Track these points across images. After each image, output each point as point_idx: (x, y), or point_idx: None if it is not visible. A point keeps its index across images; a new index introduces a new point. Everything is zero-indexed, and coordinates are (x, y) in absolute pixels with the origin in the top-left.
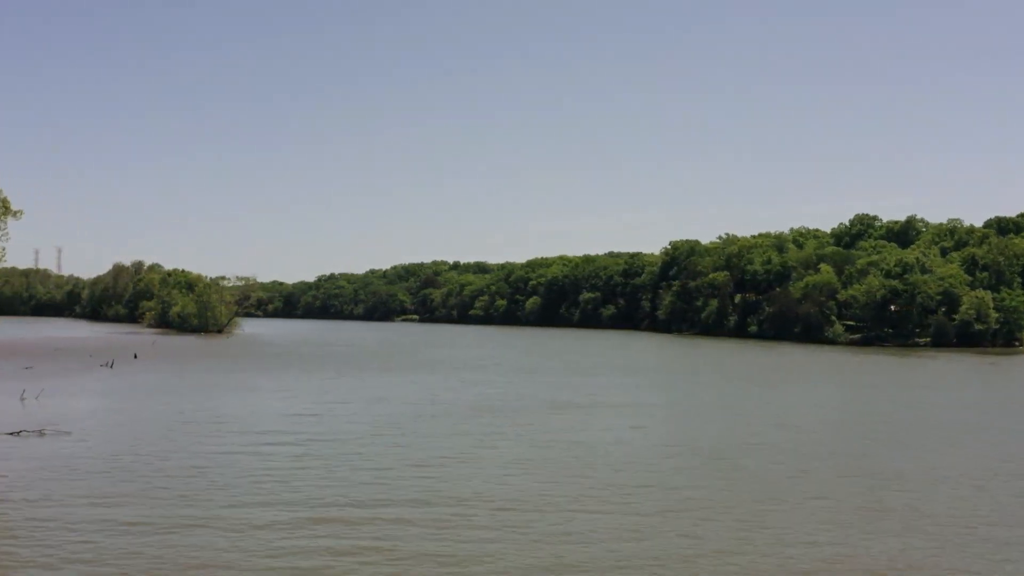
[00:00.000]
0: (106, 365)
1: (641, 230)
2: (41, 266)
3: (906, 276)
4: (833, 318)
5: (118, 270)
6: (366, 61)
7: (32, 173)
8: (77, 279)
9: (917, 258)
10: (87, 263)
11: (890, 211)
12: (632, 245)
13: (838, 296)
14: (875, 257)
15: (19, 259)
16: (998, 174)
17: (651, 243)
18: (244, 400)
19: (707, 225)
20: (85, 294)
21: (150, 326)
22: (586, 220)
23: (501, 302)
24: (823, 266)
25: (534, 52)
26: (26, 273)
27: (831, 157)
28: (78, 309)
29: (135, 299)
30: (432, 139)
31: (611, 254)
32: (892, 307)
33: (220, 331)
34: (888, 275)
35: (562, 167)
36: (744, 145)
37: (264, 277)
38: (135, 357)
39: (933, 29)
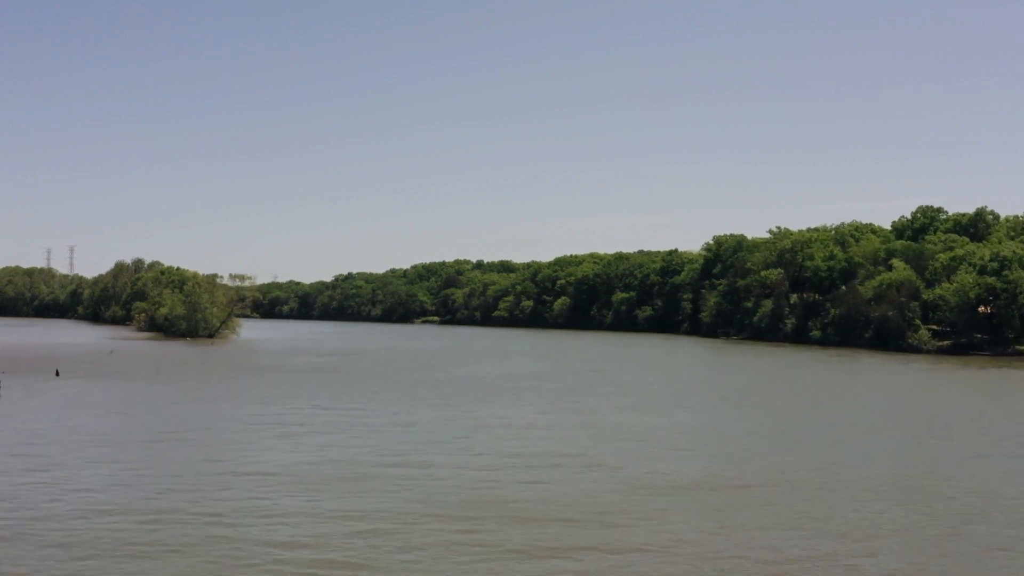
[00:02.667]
0: None
1: (672, 230)
2: (53, 266)
3: (1005, 273)
4: (917, 322)
5: (119, 269)
6: (385, 60)
7: (44, 170)
8: (81, 278)
9: (1015, 251)
10: (100, 263)
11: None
12: (663, 244)
13: (923, 296)
14: (958, 251)
15: (30, 258)
16: None
17: (683, 243)
18: (91, 470)
19: (742, 224)
20: (87, 294)
21: (141, 329)
22: (615, 219)
23: (527, 303)
24: (896, 262)
25: (557, 46)
26: (29, 272)
27: (861, 157)
28: (80, 310)
29: (131, 300)
30: (454, 136)
31: (642, 252)
32: (981, 308)
33: (211, 336)
34: (982, 271)
35: (589, 164)
36: (774, 144)
37: (282, 277)
38: (56, 375)
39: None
